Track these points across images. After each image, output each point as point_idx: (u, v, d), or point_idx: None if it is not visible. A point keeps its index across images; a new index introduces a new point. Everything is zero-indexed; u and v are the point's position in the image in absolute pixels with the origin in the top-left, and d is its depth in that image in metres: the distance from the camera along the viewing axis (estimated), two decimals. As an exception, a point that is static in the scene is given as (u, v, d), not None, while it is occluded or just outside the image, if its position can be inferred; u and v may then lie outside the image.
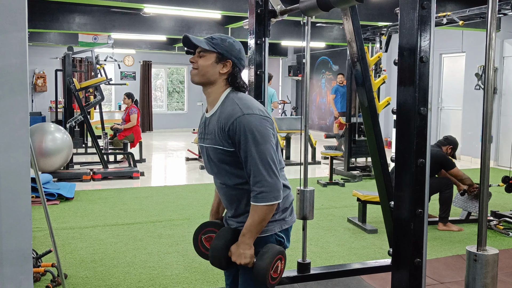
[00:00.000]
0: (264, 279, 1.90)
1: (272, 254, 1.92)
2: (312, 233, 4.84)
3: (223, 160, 1.97)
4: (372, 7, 7.97)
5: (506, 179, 5.18)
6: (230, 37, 2.02)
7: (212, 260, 2.01)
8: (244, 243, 1.93)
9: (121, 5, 7.00)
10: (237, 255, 1.93)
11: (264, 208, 1.89)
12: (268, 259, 1.90)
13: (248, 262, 1.93)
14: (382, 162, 3.07)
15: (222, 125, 1.91)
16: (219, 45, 1.97)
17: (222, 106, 1.97)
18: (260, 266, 1.90)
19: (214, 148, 1.97)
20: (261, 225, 1.91)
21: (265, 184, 1.87)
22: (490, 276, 1.71)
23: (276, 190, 1.89)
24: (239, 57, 2.00)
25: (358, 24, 3.05)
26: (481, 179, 1.76)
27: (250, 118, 1.88)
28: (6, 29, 1.40)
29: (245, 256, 1.92)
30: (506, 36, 8.96)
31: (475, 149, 9.60)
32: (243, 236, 1.93)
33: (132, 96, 9.65)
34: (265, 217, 1.90)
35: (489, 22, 1.73)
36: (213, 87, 2.00)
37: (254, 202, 1.90)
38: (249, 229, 1.92)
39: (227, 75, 1.99)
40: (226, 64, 1.97)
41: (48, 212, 3.11)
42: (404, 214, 2.04)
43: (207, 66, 1.96)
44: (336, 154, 8.11)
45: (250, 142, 1.86)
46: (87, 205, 5.98)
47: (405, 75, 2.03)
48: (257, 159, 1.86)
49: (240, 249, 1.93)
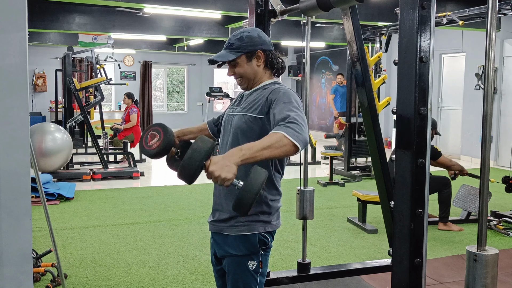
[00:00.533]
0: (252, 201, 1.59)
1: (265, 175, 1.63)
2: (312, 233, 4.84)
3: (242, 130, 1.95)
4: (372, 7, 7.97)
5: (506, 179, 5.17)
6: (243, 30, 2.02)
7: (187, 163, 1.61)
8: (235, 156, 1.60)
9: (121, 5, 7.01)
10: (219, 165, 1.58)
11: (282, 138, 1.65)
12: (261, 179, 1.61)
13: (229, 178, 1.58)
14: (382, 162, 3.07)
15: (265, 95, 1.94)
16: (241, 46, 1.97)
17: (265, 85, 2.01)
18: (253, 186, 1.59)
19: (242, 115, 1.97)
20: (264, 152, 1.63)
21: (297, 126, 1.70)
22: (490, 276, 1.71)
23: (304, 137, 1.70)
24: (262, 41, 2.01)
25: (358, 24, 3.05)
26: (481, 179, 1.76)
27: (291, 91, 1.92)
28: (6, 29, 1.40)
29: (229, 169, 1.57)
30: (506, 36, 8.96)
31: (475, 149, 9.60)
32: (239, 150, 1.63)
33: (132, 96, 9.66)
34: (275, 147, 1.64)
35: (489, 22, 1.73)
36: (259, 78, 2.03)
37: (275, 130, 1.69)
38: (250, 146, 1.63)
39: (264, 63, 2.01)
40: (257, 56, 1.99)
41: (48, 212, 3.11)
42: (404, 214, 2.04)
43: (245, 69, 1.99)
44: (336, 154, 8.11)
45: (286, 101, 1.84)
46: (87, 205, 5.98)
47: (405, 75, 2.03)
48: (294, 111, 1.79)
49: (226, 159, 1.59)
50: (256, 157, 1.62)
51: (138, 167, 8.28)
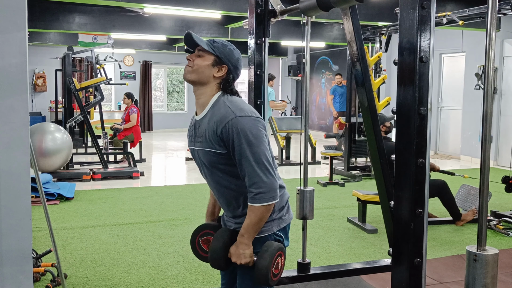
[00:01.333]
0: (266, 277, 1.91)
1: (272, 251, 1.93)
2: (312, 233, 4.84)
3: (215, 162, 1.95)
4: (372, 7, 7.97)
5: (506, 179, 5.18)
6: (231, 44, 2.02)
7: (212, 262, 2.02)
8: (243, 243, 1.93)
9: (121, 5, 7.00)
10: (236, 255, 1.94)
11: (261, 208, 1.90)
12: (268, 257, 1.91)
13: (249, 262, 1.93)
14: (382, 162, 3.07)
15: (214, 128, 1.90)
16: (219, 49, 1.97)
17: (212, 108, 1.95)
18: (261, 265, 1.91)
19: (205, 151, 1.96)
20: (259, 225, 1.92)
21: (262, 185, 1.88)
22: (490, 276, 1.71)
23: (273, 190, 1.90)
24: (236, 65, 2.00)
25: (358, 24, 3.05)
26: (481, 179, 1.76)
27: (242, 120, 1.87)
28: (6, 29, 1.40)
29: (245, 256, 1.93)
30: (506, 36, 8.96)
31: (475, 149, 9.60)
32: (241, 236, 1.94)
33: (132, 96, 9.66)
34: (262, 217, 1.91)
35: (489, 22, 1.73)
36: (204, 89, 1.98)
37: (251, 203, 1.91)
38: (247, 229, 1.92)
39: (221, 79, 1.98)
40: (221, 68, 1.97)
41: (48, 212, 3.11)
42: (404, 214, 2.04)
43: (203, 66, 1.96)
44: (336, 154, 8.11)
45: (244, 144, 1.85)
46: (87, 205, 5.98)
47: (405, 75, 2.03)
48: (252, 160, 1.86)
49: (240, 249, 1.93)
50: (256, 232, 1.94)
51: (138, 167, 8.28)
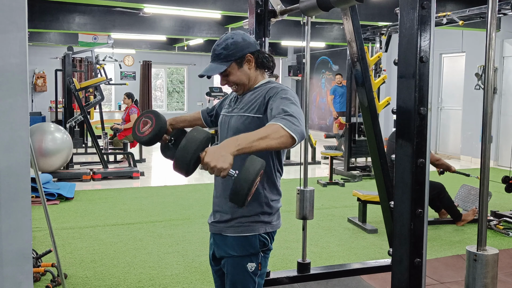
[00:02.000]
0: (248, 190, 1.55)
1: (261, 164, 1.59)
2: (312, 233, 4.84)
3: (241, 130, 1.87)
4: (372, 7, 7.97)
5: (506, 179, 5.18)
6: (226, 37, 1.97)
7: (182, 153, 1.58)
8: (230, 146, 1.57)
9: (121, 5, 7.00)
10: (214, 156, 1.54)
11: (279, 129, 1.64)
12: (257, 167, 1.57)
13: (225, 168, 1.53)
14: (382, 162, 3.07)
15: (262, 94, 1.93)
16: (228, 55, 1.93)
17: (261, 85, 2.00)
18: (249, 174, 1.55)
19: (241, 116, 1.96)
20: (260, 142, 1.60)
21: (294, 119, 1.70)
22: (490, 276, 1.71)
23: (301, 129, 1.69)
24: (248, 44, 1.97)
25: (358, 24, 3.05)
26: (481, 179, 1.76)
27: (291, 91, 1.92)
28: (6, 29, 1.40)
29: (225, 159, 1.53)
30: (506, 36, 8.96)
31: (475, 149, 9.60)
32: (234, 140, 1.60)
33: (132, 96, 9.66)
34: (271, 138, 1.62)
35: (489, 22, 1.73)
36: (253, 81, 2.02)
37: (272, 121, 1.69)
38: (246, 136, 1.61)
39: (256, 65, 2.00)
40: (247, 60, 1.97)
41: (48, 212, 3.11)
42: (404, 214, 2.04)
43: (239, 77, 1.97)
44: (336, 154, 8.11)
45: (287, 99, 1.84)
46: (87, 205, 5.98)
47: (405, 75, 2.03)
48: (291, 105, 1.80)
49: (222, 150, 1.55)
50: (252, 147, 1.59)
51: (138, 167, 8.28)
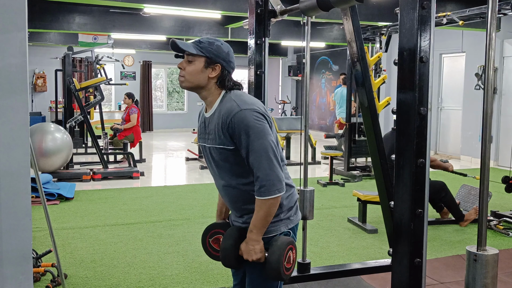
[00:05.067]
0: (278, 271, 1.88)
1: (282, 244, 1.91)
2: (312, 233, 4.84)
3: (225, 159, 1.96)
4: (372, 7, 7.96)
5: (506, 179, 5.18)
6: (217, 39, 1.99)
7: (223, 260, 2.01)
8: (252, 239, 1.92)
9: (121, 5, 7.00)
10: (247, 252, 1.93)
11: (268, 202, 1.88)
12: (280, 250, 1.89)
13: (260, 257, 1.92)
14: (382, 162, 3.07)
15: (222, 123, 1.91)
16: (207, 49, 1.94)
17: (220, 105, 1.97)
18: (273, 259, 1.89)
19: (216, 148, 1.97)
20: (267, 219, 1.91)
21: (267, 178, 1.87)
22: (490, 276, 1.71)
23: (278, 183, 1.89)
24: (228, 59, 1.98)
25: (358, 24, 3.05)
26: (481, 179, 1.76)
27: (247, 113, 1.88)
28: (6, 29, 1.40)
29: (255, 251, 1.92)
30: (506, 36, 8.96)
31: (475, 149, 9.60)
32: (250, 232, 1.93)
33: (132, 96, 9.65)
34: (270, 211, 1.90)
35: (489, 22, 1.73)
36: (206, 91, 1.99)
37: (258, 197, 1.90)
38: (255, 224, 1.91)
39: (217, 78, 1.97)
40: (215, 68, 1.95)
41: (48, 212, 3.11)
42: (404, 214, 2.04)
43: (195, 72, 1.95)
44: (336, 154, 8.11)
45: (250, 136, 1.86)
46: (87, 205, 5.98)
47: (405, 75, 2.03)
48: (257, 152, 1.87)
49: (249, 245, 1.93)
50: (265, 227, 1.93)
51: (138, 167, 8.28)
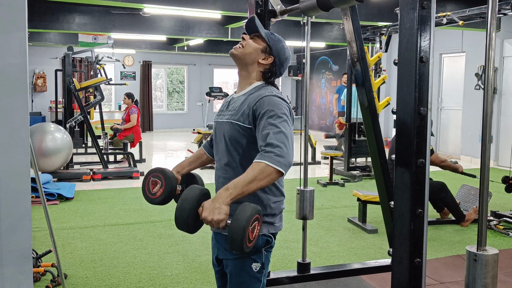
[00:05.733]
0: (241, 240, 1.63)
1: (252, 209, 1.67)
2: (312, 233, 4.84)
3: (235, 138, 1.94)
4: (372, 7, 7.97)
5: (506, 179, 5.18)
6: (286, 43, 2.08)
7: (179, 213, 1.71)
8: (223, 197, 1.67)
9: (121, 5, 7.00)
10: (210, 209, 1.66)
11: (265, 168, 1.72)
12: (248, 213, 1.65)
13: (221, 220, 1.65)
14: (382, 162, 3.07)
15: (250, 101, 1.93)
16: (273, 41, 2.04)
17: (253, 89, 2.00)
18: (239, 219, 1.64)
19: (231, 123, 1.96)
20: (250, 185, 1.70)
21: (279, 149, 1.75)
22: (490, 276, 1.71)
23: (287, 160, 1.76)
24: (282, 62, 2.06)
25: (358, 24, 3.05)
26: (481, 179, 1.76)
27: (280, 100, 1.91)
28: (6, 29, 1.40)
29: (220, 211, 1.65)
30: (506, 36, 8.96)
31: (475, 149, 9.60)
32: (225, 190, 1.69)
33: (132, 96, 9.65)
34: (260, 179, 1.71)
35: (489, 22, 1.73)
36: (246, 71, 2.04)
37: (257, 159, 1.74)
38: (236, 184, 1.70)
39: (264, 68, 2.03)
40: (268, 58, 2.03)
41: (48, 212, 3.11)
42: (404, 214, 2.04)
43: (253, 48, 2.02)
44: (336, 154, 8.11)
45: (275, 115, 1.85)
46: (87, 205, 5.98)
47: (405, 75, 2.03)
48: (277, 127, 1.82)
49: (216, 202, 1.67)
50: (244, 192, 1.70)
51: (138, 167, 8.28)
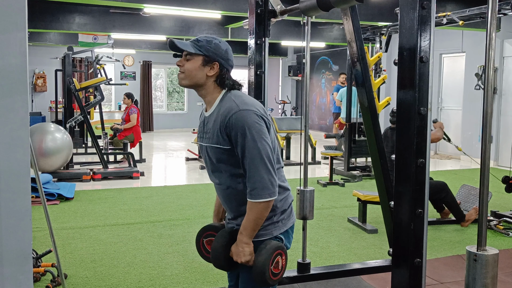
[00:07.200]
0: (263, 274, 1.87)
1: (270, 248, 1.90)
2: (312, 233, 4.84)
3: (221, 159, 1.96)
4: (372, 7, 7.97)
5: (506, 179, 5.18)
6: (216, 37, 2.00)
7: (213, 261, 2.02)
8: (242, 242, 1.92)
9: (121, 5, 7.00)
10: (237, 253, 1.93)
11: (259, 205, 1.87)
12: (266, 254, 1.88)
13: (249, 260, 1.92)
14: (382, 162, 3.07)
15: (220, 122, 1.91)
16: (205, 47, 1.94)
17: (219, 104, 1.97)
18: (259, 261, 1.88)
19: (212, 147, 1.97)
20: (257, 222, 1.90)
21: (259, 180, 1.86)
22: (490, 276, 1.71)
23: (271, 186, 1.87)
24: (226, 57, 1.98)
25: (358, 24, 3.05)
26: (481, 179, 1.76)
27: (245, 114, 1.87)
28: (6, 29, 1.40)
29: (244, 253, 1.92)
30: (506, 36, 8.96)
31: (475, 149, 9.60)
32: (240, 234, 1.93)
33: (132, 96, 9.65)
34: (260, 214, 1.89)
35: (489, 22, 1.73)
36: (204, 90, 1.99)
37: (249, 199, 1.89)
38: (246, 227, 1.91)
39: (215, 77, 1.97)
40: (213, 66, 1.96)
41: (48, 212, 3.11)
42: (404, 214, 2.04)
43: (194, 69, 1.95)
44: (336, 154, 8.11)
45: (246, 137, 1.86)
46: (87, 205, 5.98)
47: (405, 75, 2.03)
48: (252, 154, 1.86)
49: (239, 247, 1.93)
50: (255, 229, 1.92)
51: (138, 167, 8.27)
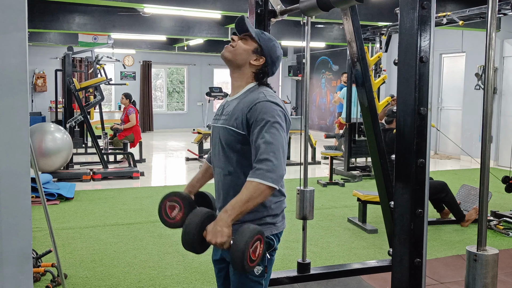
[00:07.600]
0: (242, 259, 1.71)
1: (254, 229, 1.75)
2: (312, 233, 4.84)
3: (230, 143, 1.94)
4: (372, 7, 7.97)
5: (506, 179, 5.18)
6: (277, 42, 2.06)
7: (184, 237, 1.80)
8: (223, 220, 1.75)
9: (121, 5, 7.00)
10: (213, 233, 1.75)
11: (257, 186, 1.77)
12: (249, 233, 1.73)
13: (225, 241, 1.74)
14: (382, 162, 3.07)
15: (243, 106, 1.92)
16: (264, 40, 2.01)
17: (246, 93, 1.99)
18: (240, 240, 1.72)
19: (225, 128, 1.96)
20: (247, 205, 1.76)
21: (270, 164, 1.78)
22: (490, 276, 1.71)
23: (278, 174, 1.79)
24: (274, 61, 2.04)
25: (358, 24, 3.05)
26: (481, 179, 1.76)
27: (272, 105, 1.89)
28: (6, 29, 1.40)
29: (222, 234, 1.73)
30: (506, 36, 8.96)
31: (475, 149, 9.60)
32: (224, 212, 1.77)
33: (129, 96, 9.65)
34: (254, 197, 1.76)
35: (489, 22, 1.73)
36: (238, 73, 2.02)
37: (250, 177, 1.79)
38: (233, 205, 1.76)
39: (256, 69, 2.01)
40: (260, 58, 2.01)
41: (48, 212, 3.11)
42: (404, 214, 2.04)
43: (243, 50, 2.00)
44: (336, 154, 8.11)
45: (267, 124, 1.85)
46: (87, 205, 5.98)
47: (405, 75, 2.03)
48: (269, 140, 1.82)
49: (218, 225, 1.75)
50: (242, 212, 1.76)
51: (138, 167, 8.28)
